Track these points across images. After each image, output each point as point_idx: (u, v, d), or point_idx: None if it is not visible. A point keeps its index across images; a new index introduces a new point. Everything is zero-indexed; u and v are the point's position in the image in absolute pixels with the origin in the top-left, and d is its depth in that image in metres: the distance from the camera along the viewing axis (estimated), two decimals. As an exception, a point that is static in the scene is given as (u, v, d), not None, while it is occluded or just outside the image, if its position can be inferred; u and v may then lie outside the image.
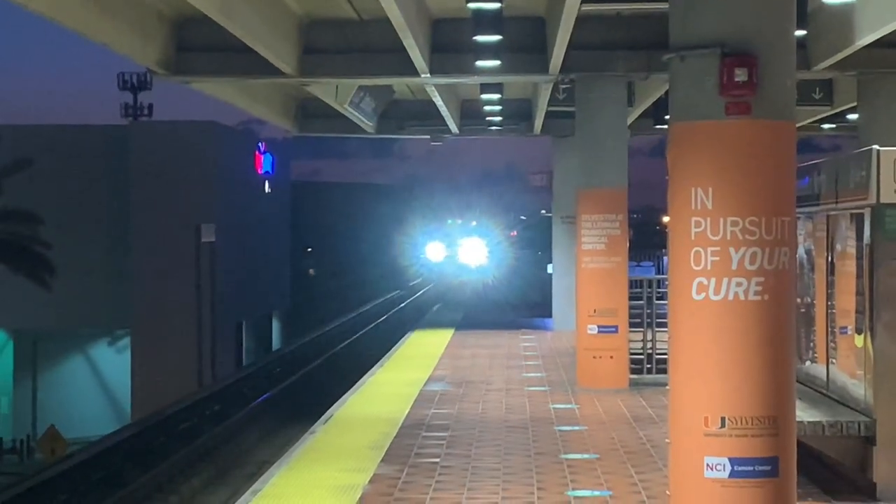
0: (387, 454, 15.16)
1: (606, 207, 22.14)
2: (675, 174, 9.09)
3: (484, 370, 24.39)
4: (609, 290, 21.87)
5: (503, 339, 31.35)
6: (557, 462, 14.66)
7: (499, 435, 16.66)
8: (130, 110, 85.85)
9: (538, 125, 35.18)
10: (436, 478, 13.75)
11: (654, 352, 22.38)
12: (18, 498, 25.68)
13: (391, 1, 17.59)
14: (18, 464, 56.40)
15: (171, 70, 23.43)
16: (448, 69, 23.95)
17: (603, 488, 13.16)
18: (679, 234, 9.02)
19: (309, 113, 35.70)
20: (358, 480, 13.52)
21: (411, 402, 19.64)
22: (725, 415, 8.80)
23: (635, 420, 17.90)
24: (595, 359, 21.75)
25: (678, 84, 9.15)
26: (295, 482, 13.51)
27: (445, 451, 15.45)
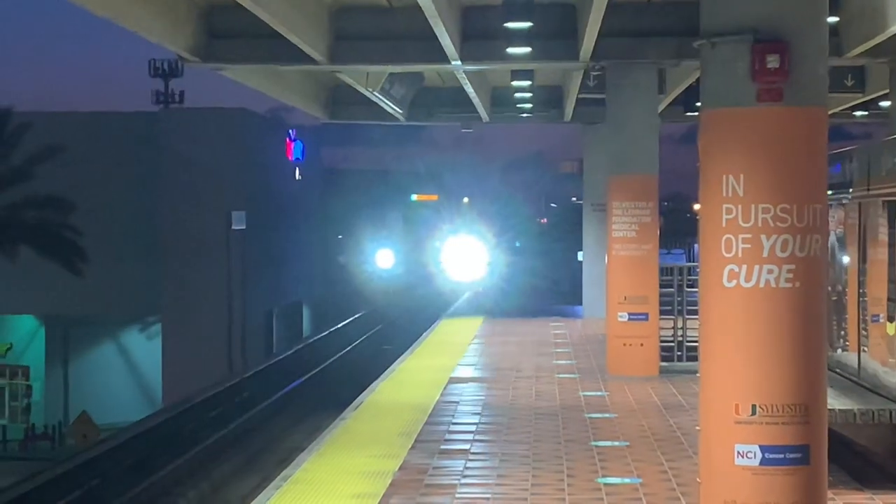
0: (417, 441, 15.19)
1: (637, 195, 22.08)
2: (706, 161, 9.07)
3: (514, 357, 24.40)
4: (640, 278, 21.83)
5: (533, 327, 31.35)
6: (587, 449, 14.66)
7: (528, 422, 16.68)
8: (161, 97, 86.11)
9: (569, 112, 35.13)
10: (466, 464, 13.77)
11: (684, 339, 22.35)
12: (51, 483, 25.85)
13: (422, -12, 17.59)
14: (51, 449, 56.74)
15: (201, 57, 23.47)
16: (478, 56, 23.93)
17: (633, 476, 13.16)
18: (710, 221, 9.00)
19: (339, 100, 35.73)
20: (388, 467, 13.56)
21: (441, 389, 19.67)
22: (756, 402, 8.79)
23: (665, 407, 17.89)
24: (625, 346, 21.72)
25: (709, 71, 9.12)
26: (325, 468, 13.56)
27: (475, 437, 15.47)
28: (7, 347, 68.58)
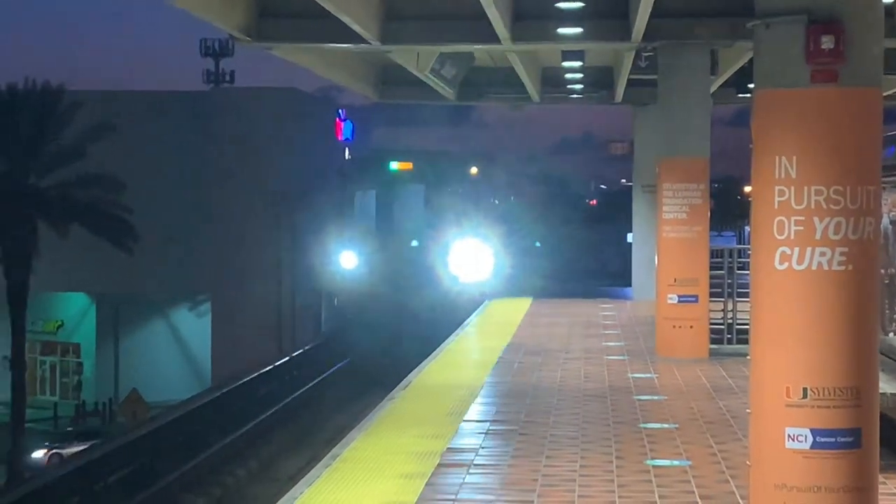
0: (465, 421, 15.21)
1: (688, 176, 22.00)
2: (759, 143, 9.02)
3: (562, 339, 24.39)
4: (690, 260, 21.75)
5: (582, 308, 31.31)
6: (636, 431, 14.64)
7: (577, 403, 16.67)
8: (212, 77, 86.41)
9: (619, 93, 34.99)
10: (514, 445, 13.78)
11: (734, 322, 22.27)
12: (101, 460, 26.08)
13: (473, -33, 17.56)
14: (101, 426, 57.18)
15: (253, 36, 23.54)
16: (529, 36, 23.87)
17: (682, 458, 13.14)
18: (762, 203, 8.95)
19: (389, 80, 35.74)
20: (436, 447, 13.58)
21: (489, 370, 19.68)
22: (807, 385, 8.75)
23: (715, 390, 17.84)
24: (675, 328, 21.66)
25: (763, 51, 9.07)
26: (374, 447, 13.60)
27: (524, 418, 15.47)
28: (58, 325, 69.25)
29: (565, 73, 32.25)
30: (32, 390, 63.12)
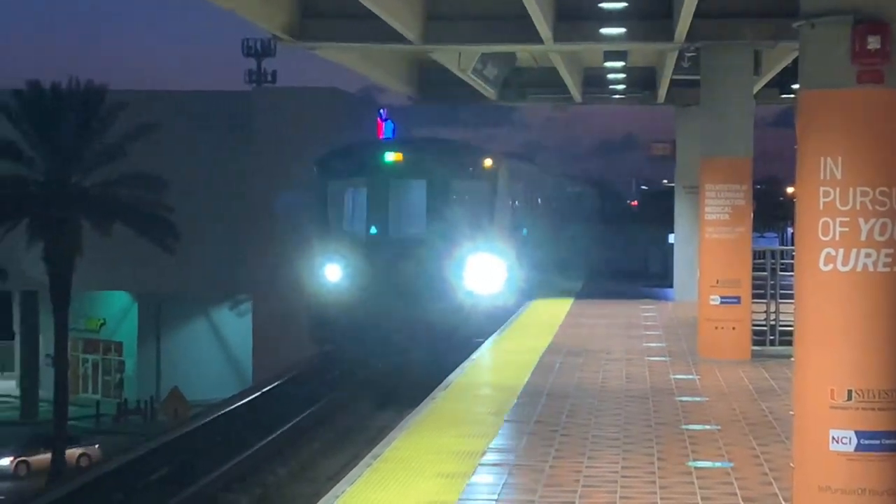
0: (506, 421, 15.20)
1: (731, 177, 21.92)
2: (804, 143, 8.98)
3: (604, 339, 24.34)
4: (732, 261, 21.67)
5: (623, 309, 31.25)
6: (678, 433, 14.59)
7: (619, 404, 16.63)
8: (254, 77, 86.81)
9: (662, 94, 34.97)
10: (555, 446, 13.76)
11: (777, 323, 22.18)
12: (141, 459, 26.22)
13: (516, -33, 17.55)
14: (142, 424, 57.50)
15: (295, 36, 23.63)
16: (572, 36, 23.86)
17: (724, 460, 13.08)
18: (807, 203, 8.91)
19: (430, 80, 35.80)
20: (477, 447, 13.57)
21: (531, 370, 19.66)
22: (852, 387, 8.71)
23: (757, 392, 17.76)
24: (717, 329, 21.59)
25: (808, 52, 9.03)
26: (415, 447, 13.60)
27: (565, 419, 15.45)
28: (100, 323, 69.65)
29: (608, 73, 32.25)
30: (75, 388, 63.57)
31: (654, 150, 44.64)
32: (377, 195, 30.63)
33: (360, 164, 31.45)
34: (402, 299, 29.21)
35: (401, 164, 30.84)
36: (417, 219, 30.69)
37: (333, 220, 31.13)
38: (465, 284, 29.82)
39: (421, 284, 29.41)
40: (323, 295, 30.19)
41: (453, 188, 31.19)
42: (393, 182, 30.74)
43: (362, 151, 33.09)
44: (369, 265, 29.83)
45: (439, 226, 30.18)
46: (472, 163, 31.60)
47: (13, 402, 67.40)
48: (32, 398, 64.59)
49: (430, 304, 29.25)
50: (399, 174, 30.79)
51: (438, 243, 29.76)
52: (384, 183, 30.60)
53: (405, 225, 30.85)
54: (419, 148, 32.74)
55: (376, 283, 29.54)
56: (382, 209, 30.52)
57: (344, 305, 29.74)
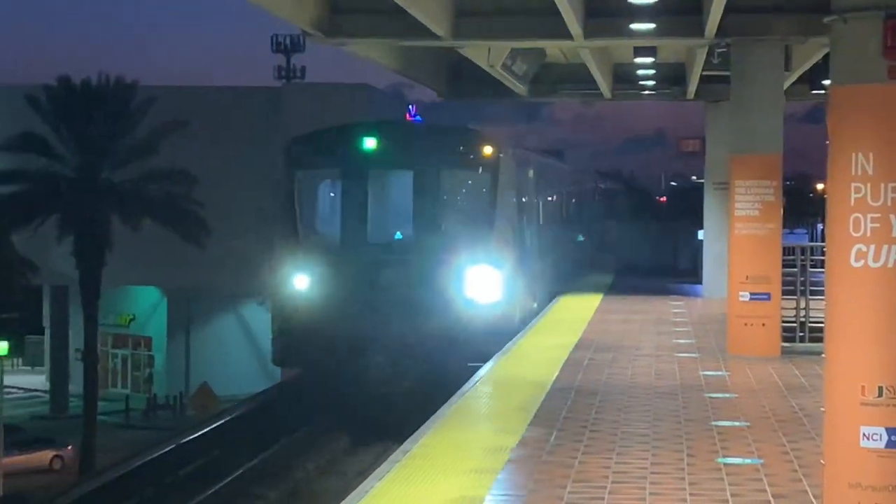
0: (535, 417, 15.20)
1: (760, 173, 21.86)
2: (835, 139, 8.95)
3: (633, 335, 24.31)
4: (762, 257, 21.62)
5: (652, 305, 31.20)
6: (707, 429, 14.57)
7: (648, 400, 16.61)
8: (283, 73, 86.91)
9: (692, 90, 34.87)
10: (584, 441, 13.76)
11: (807, 320, 22.12)
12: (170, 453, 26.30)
13: (546, -37, 17.54)
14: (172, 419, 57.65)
15: (325, 32, 23.65)
16: (602, 32, 23.83)
17: (754, 456, 13.06)
18: (838, 199, 8.88)
19: (460, 76, 35.78)
20: (507, 442, 13.58)
21: (560, 366, 19.65)
22: (883, 384, 8.67)
23: (787, 388, 17.72)
24: (746, 326, 21.54)
25: (840, 47, 9.00)
26: (444, 442, 13.62)
27: (594, 415, 15.44)
28: (130, 318, 69.85)
29: (637, 69, 32.17)
30: (105, 383, 63.76)
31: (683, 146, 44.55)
32: (354, 189, 26.19)
33: (334, 151, 26.61)
34: (383, 317, 24.87)
35: (383, 152, 26.08)
36: (402, 218, 26.32)
37: (303, 220, 26.48)
38: (460, 299, 25.36)
39: (406, 299, 24.98)
40: (289, 310, 25.78)
41: (446, 181, 26.73)
42: (373, 173, 26.46)
43: (336, 135, 27.55)
44: (344, 276, 25.39)
45: (429, 227, 25.90)
46: (470, 150, 26.62)
47: (43, 397, 67.69)
48: (62, 393, 64.86)
49: (416, 323, 24.88)
50: (380, 163, 26.41)
51: (428, 249, 25.38)
52: (361, 175, 26.21)
53: (387, 226, 26.68)
54: (405, 132, 28.17)
55: (352, 298, 25.09)
56: (360, 207, 26.06)
57: (314, 323, 25.24)
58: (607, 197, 56.90)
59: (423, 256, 25.32)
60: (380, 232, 26.29)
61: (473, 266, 25.34)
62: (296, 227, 26.25)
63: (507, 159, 26.84)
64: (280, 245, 26.88)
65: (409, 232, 25.96)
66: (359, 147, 26.13)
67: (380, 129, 27.23)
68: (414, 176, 26.04)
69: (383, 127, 27.81)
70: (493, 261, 25.66)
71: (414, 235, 25.88)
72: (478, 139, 26.90)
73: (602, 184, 55.59)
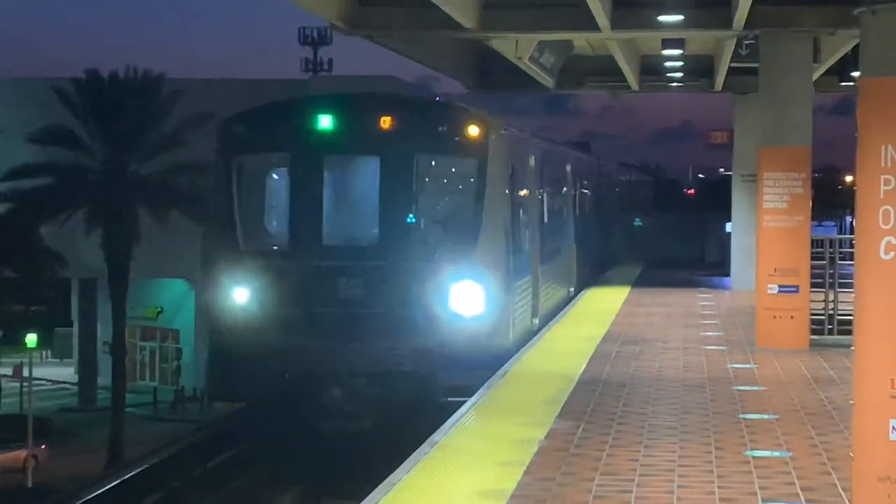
0: (563, 410, 15.20)
1: (789, 165, 21.81)
2: (865, 131, 8.91)
3: (660, 328, 24.29)
4: (791, 250, 21.56)
5: (680, 298, 31.16)
6: (735, 422, 14.56)
7: (676, 393, 16.60)
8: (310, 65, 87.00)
9: (720, 81, 34.81)
10: (612, 434, 13.76)
11: (835, 312, 22.06)
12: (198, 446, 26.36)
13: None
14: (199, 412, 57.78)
15: (352, 25, 23.68)
16: (629, 24, 23.81)
17: (783, 449, 13.04)
18: (867, 192, 8.84)
19: (487, 68, 35.79)
20: (534, 435, 13.59)
21: (587, 359, 19.65)
22: (912, 377, 8.64)
23: (815, 381, 17.68)
24: (775, 318, 21.50)
25: (870, 39, 8.95)
26: (473, 434, 13.64)
27: (622, 408, 15.44)
28: (158, 311, 70.05)
29: (665, 60, 32.13)
30: (132, 376, 63.98)
31: (711, 138, 44.47)
32: (306, 179, 20.98)
33: (282, 131, 21.25)
34: (343, 339, 20.05)
35: (343, 133, 21.01)
36: (366, 217, 21.04)
37: (243, 218, 21.15)
38: (439, 318, 20.18)
39: (371, 316, 20.10)
40: (227, 330, 20.61)
41: (422, 169, 21.46)
42: (330, 159, 21.27)
43: (285, 112, 22.17)
44: (293, 287, 20.48)
45: (401, 227, 20.84)
46: (452, 130, 21.11)
47: (72, 389, 67.98)
48: (90, 385, 65.09)
49: (385, 347, 20.11)
50: (340, 147, 21.15)
51: (399, 254, 20.29)
52: (316, 160, 20.99)
53: (348, 226, 21.32)
54: (371, 107, 21.52)
55: (304, 314, 20.24)
56: (313, 201, 20.82)
57: (257, 347, 20.16)
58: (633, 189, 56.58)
59: (392, 263, 20.21)
60: (338, 231, 21.03)
61: (455, 276, 20.29)
62: (234, 227, 20.87)
63: (499, 143, 21.37)
64: (215, 249, 21.48)
65: (375, 232, 20.70)
66: (312, 126, 20.93)
67: (339, 103, 21.67)
68: (382, 163, 20.68)
69: (343, 101, 21.92)
70: (478, 271, 20.45)
71: (381, 236, 20.59)
72: (463, 117, 21.28)
73: (627, 176, 54.77)
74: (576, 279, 32.56)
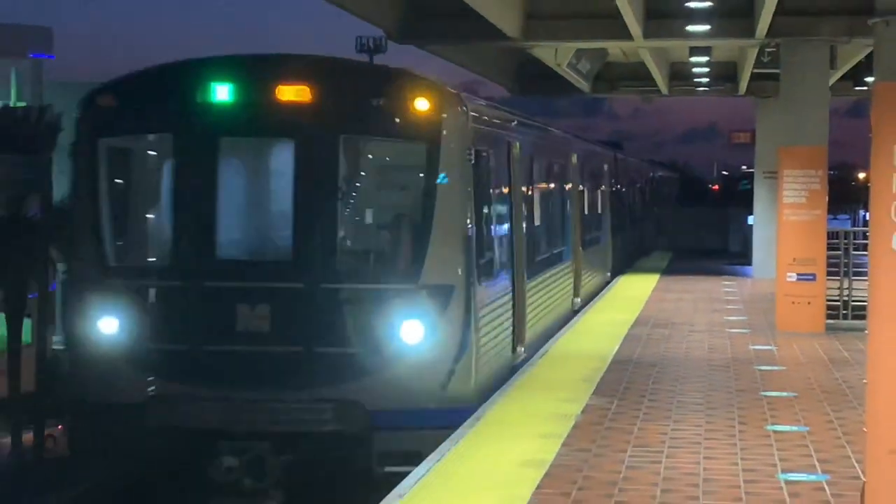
0: (598, 387, 15.20)
1: (807, 164, 21.72)
2: (879, 131, 8.87)
3: (687, 313, 24.22)
4: (808, 241, 21.49)
5: (705, 285, 31.04)
6: (757, 399, 14.52)
7: (702, 372, 16.56)
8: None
9: (743, 86, 34.70)
10: (643, 410, 13.75)
11: (850, 299, 21.95)
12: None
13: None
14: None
15: (407, 34, 23.75)
16: (660, 33, 23.76)
17: (801, 424, 13.00)
18: (880, 188, 8.80)
19: (528, 73, 35.77)
20: (571, 410, 13.60)
21: (620, 341, 19.62)
22: (922, 358, 8.60)
23: (831, 362, 17.60)
24: (793, 304, 21.43)
25: (883, 47, 8.92)
26: (515, 409, 13.66)
27: (652, 385, 15.42)
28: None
29: (692, 67, 31.98)
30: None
31: (734, 138, 44.27)
32: (195, 170, 14.15)
33: (161, 104, 14.35)
34: (243, 389, 13.42)
35: (245, 107, 14.11)
36: (276, 222, 14.54)
37: (112, 224, 14.40)
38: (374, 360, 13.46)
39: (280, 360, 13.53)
40: (91, 371, 14.03)
41: (351, 156, 14.47)
42: (227, 143, 14.29)
43: (166, 78, 14.78)
44: (177, 316, 13.88)
45: (321, 237, 13.82)
46: (393, 104, 14.10)
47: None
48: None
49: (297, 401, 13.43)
50: (240, 126, 14.22)
51: (318, 275, 13.64)
52: (207, 146, 14.11)
53: (252, 235, 14.76)
54: (284, 72, 14.27)
55: (191, 356, 13.70)
56: (204, 201, 14.01)
57: (128, 396, 13.65)
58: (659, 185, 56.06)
59: (310, 285, 13.59)
60: (238, 241, 14.45)
61: (395, 302, 13.50)
62: (100, 236, 14.21)
63: (458, 121, 14.23)
64: (75, 265, 15.09)
65: (289, 242, 13.90)
66: (204, 99, 14.05)
67: (241, 68, 14.44)
68: (297, 148, 13.92)
69: (247, 65, 14.58)
70: (427, 294, 13.62)
71: (296, 249, 13.79)
72: (408, 86, 14.18)
73: (653, 173, 53.61)
74: (581, 290, 25.30)
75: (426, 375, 13.52)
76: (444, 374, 13.61)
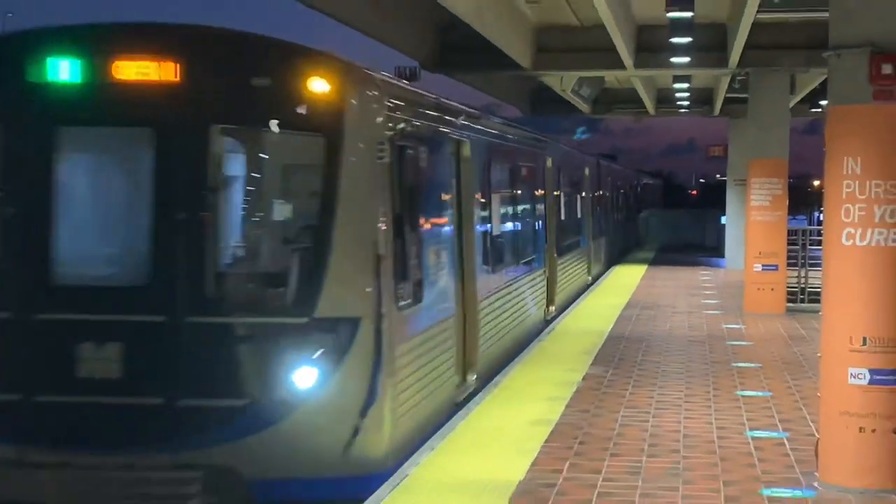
0: (596, 358, 15.19)
1: (771, 173, 21.68)
2: (831, 146, 8.87)
3: (671, 297, 24.15)
4: (772, 237, 21.46)
5: (686, 274, 30.94)
6: (729, 369, 14.48)
7: (682, 346, 16.53)
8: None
9: (717, 108, 34.65)
10: (633, 377, 13.74)
11: (806, 285, 21.89)
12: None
13: (608, 13, 17.52)
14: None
15: (437, 64, 23.79)
16: (649, 64, 23.76)
17: (765, 390, 12.97)
18: (833, 193, 8.80)
19: (538, 97, 35.81)
20: (574, 378, 13.60)
21: (614, 320, 19.59)
22: (867, 335, 8.60)
23: (791, 338, 17.54)
24: (759, 290, 21.37)
25: (835, 76, 8.91)
26: (527, 377, 13.66)
27: (641, 357, 15.40)
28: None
29: (675, 92, 31.95)
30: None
31: (710, 151, 44.14)
32: (27, 171, 8.85)
33: None
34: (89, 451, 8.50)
35: (91, 88, 8.77)
36: (130, 237, 8.97)
37: None
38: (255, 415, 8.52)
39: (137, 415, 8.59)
40: None
41: (228, 151, 9.02)
42: (68, 134, 8.90)
43: None
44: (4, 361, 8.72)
45: (188, 256, 8.65)
46: (281, 84, 8.74)
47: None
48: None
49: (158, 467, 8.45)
50: (85, 113, 8.86)
51: (184, 305, 8.62)
52: (43, 136, 8.83)
53: (99, 253, 9.26)
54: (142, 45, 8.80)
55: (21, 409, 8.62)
56: (37, 209, 8.80)
57: None
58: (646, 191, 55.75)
59: (174, 318, 8.66)
60: (81, 262, 9.07)
61: (283, 341, 8.65)
62: None
63: (367, 108, 9.11)
64: None
65: (146, 263, 8.76)
66: (40, 78, 8.85)
67: (87, 39, 9.07)
68: (158, 140, 8.78)
69: (95, 35, 9.15)
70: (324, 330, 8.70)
71: (156, 271, 8.72)
72: (300, 63, 8.88)
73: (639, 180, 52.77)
74: (557, 297, 20.49)
75: (323, 434, 8.65)
76: (346, 432, 8.70)
